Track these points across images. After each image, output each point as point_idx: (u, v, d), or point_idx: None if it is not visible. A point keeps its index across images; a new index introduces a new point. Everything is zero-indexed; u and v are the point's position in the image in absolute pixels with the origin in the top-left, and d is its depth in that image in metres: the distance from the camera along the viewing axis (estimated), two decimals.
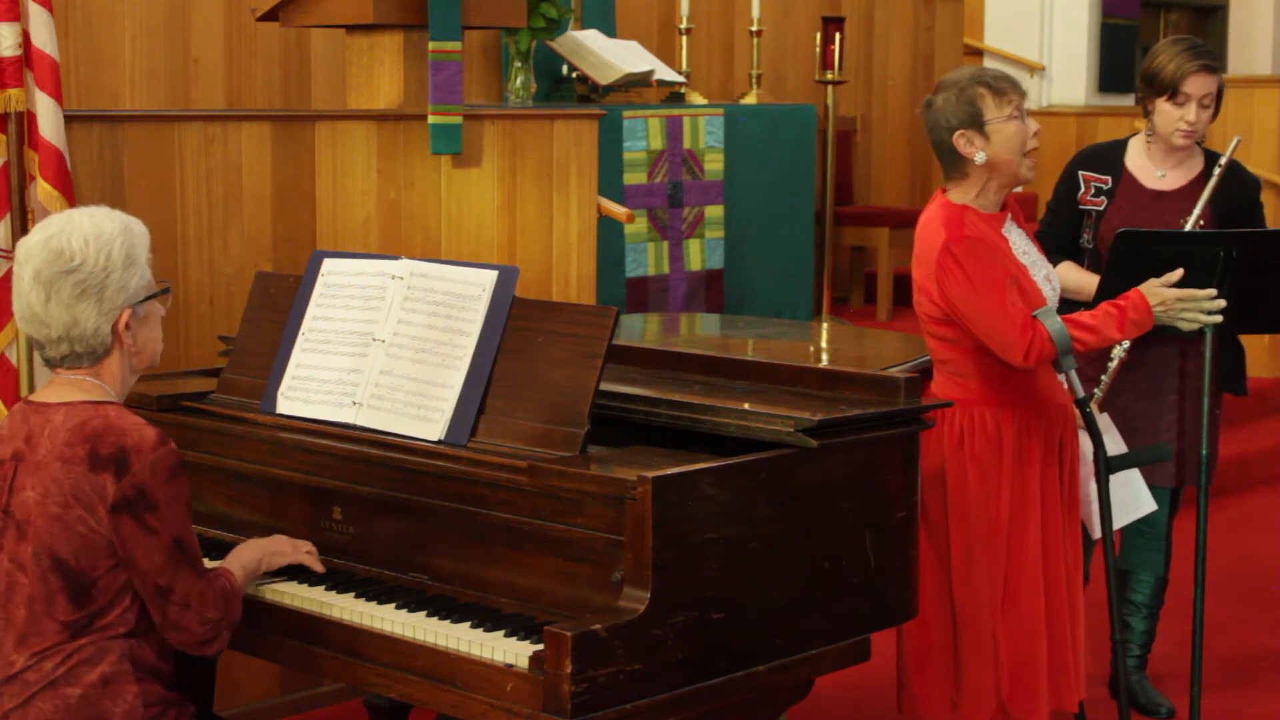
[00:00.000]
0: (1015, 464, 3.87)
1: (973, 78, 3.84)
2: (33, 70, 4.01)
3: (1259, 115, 8.48)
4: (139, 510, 2.89)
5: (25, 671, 2.90)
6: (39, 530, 2.91)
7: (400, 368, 3.41)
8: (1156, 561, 4.73)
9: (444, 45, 4.78)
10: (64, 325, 2.95)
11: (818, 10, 9.12)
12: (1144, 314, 3.88)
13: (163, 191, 4.40)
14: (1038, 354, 3.74)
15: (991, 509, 3.86)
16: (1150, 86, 4.50)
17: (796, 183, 7.71)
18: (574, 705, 2.78)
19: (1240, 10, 13.47)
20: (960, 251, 3.74)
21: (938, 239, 3.78)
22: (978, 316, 3.75)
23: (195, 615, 2.97)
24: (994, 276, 3.75)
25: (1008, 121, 3.80)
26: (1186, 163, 4.57)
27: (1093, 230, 4.54)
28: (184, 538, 2.95)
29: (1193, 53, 4.47)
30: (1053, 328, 3.74)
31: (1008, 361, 3.77)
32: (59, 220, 3.01)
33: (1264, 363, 8.43)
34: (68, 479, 2.89)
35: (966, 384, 3.87)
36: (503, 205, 5.10)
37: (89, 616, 2.92)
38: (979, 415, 3.86)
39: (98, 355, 2.99)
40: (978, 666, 3.89)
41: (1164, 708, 4.75)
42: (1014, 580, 3.88)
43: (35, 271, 2.94)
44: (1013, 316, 3.73)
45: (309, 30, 6.84)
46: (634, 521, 2.89)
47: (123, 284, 2.96)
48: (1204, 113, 4.47)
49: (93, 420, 2.93)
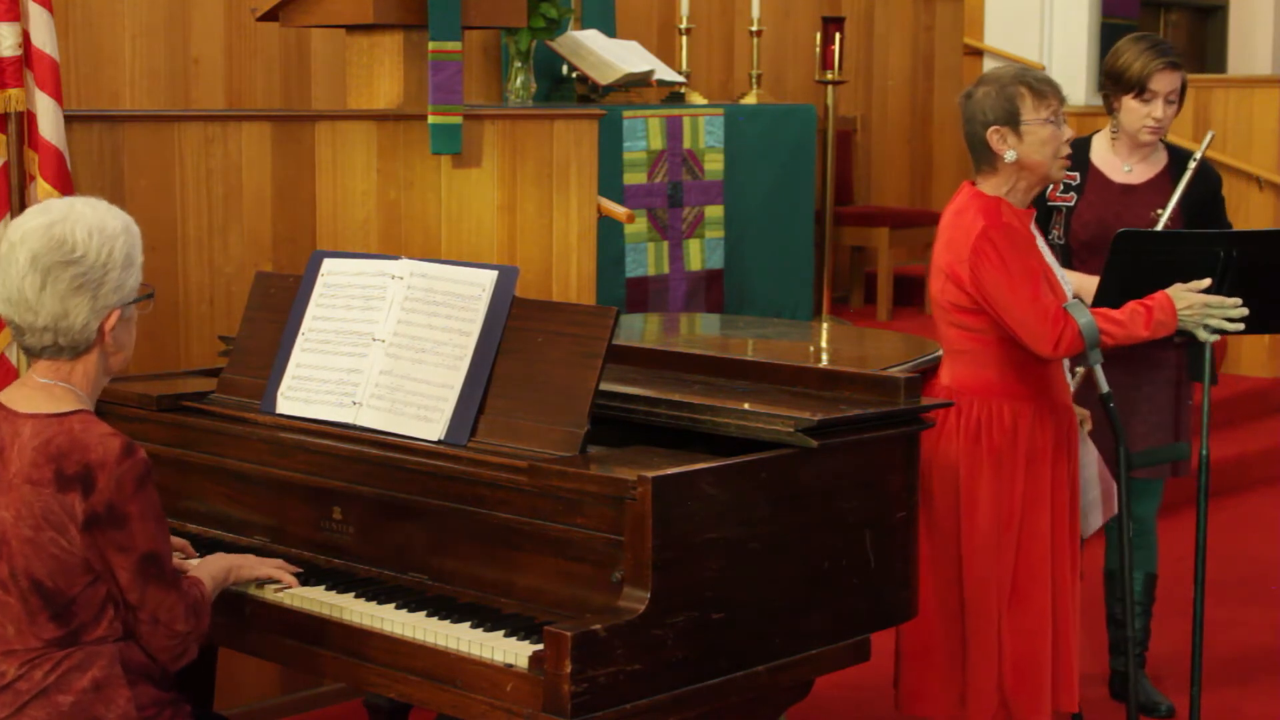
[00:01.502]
0: (1029, 457, 3.88)
1: (1016, 76, 3.88)
2: (33, 70, 4.01)
3: (1259, 115, 8.47)
4: (108, 527, 2.84)
5: (16, 681, 2.87)
6: (14, 552, 2.87)
7: (400, 368, 3.41)
8: (1146, 558, 4.75)
9: (444, 45, 4.78)
10: (53, 316, 2.87)
11: (818, 10, 9.13)
12: (1170, 315, 3.91)
13: (163, 191, 4.40)
14: (1067, 345, 3.78)
15: (1005, 503, 3.87)
16: (1116, 84, 4.57)
17: (796, 183, 7.71)
18: (574, 705, 2.78)
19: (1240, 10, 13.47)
20: (998, 238, 3.77)
21: (975, 225, 3.81)
22: (1011, 304, 3.77)
23: (164, 630, 2.93)
24: (1030, 266, 3.79)
25: (1043, 125, 3.83)
26: (1151, 157, 4.66)
27: (1063, 226, 4.60)
28: (155, 551, 2.90)
29: (1157, 50, 4.55)
30: (1083, 321, 3.78)
31: (1036, 351, 3.79)
32: (61, 207, 2.92)
33: (1264, 363, 8.44)
34: (38, 501, 2.84)
35: (985, 375, 3.88)
36: (503, 205, 5.10)
37: (73, 633, 2.89)
38: (996, 408, 3.88)
39: (79, 350, 2.92)
40: (983, 662, 3.89)
41: (1163, 706, 4.75)
42: (1023, 576, 3.89)
43: (33, 256, 2.86)
44: (1045, 307, 3.77)
45: (309, 30, 6.84)
46: (634, 521, 2.89)
47: (119, 283, 2.91)
48: (1170, 108, 4.56)
49: (56, 437, 2.85)
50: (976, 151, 3.90)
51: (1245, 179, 8.43)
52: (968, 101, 3.90)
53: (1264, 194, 8.43)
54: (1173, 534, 5.89)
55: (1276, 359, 8.43)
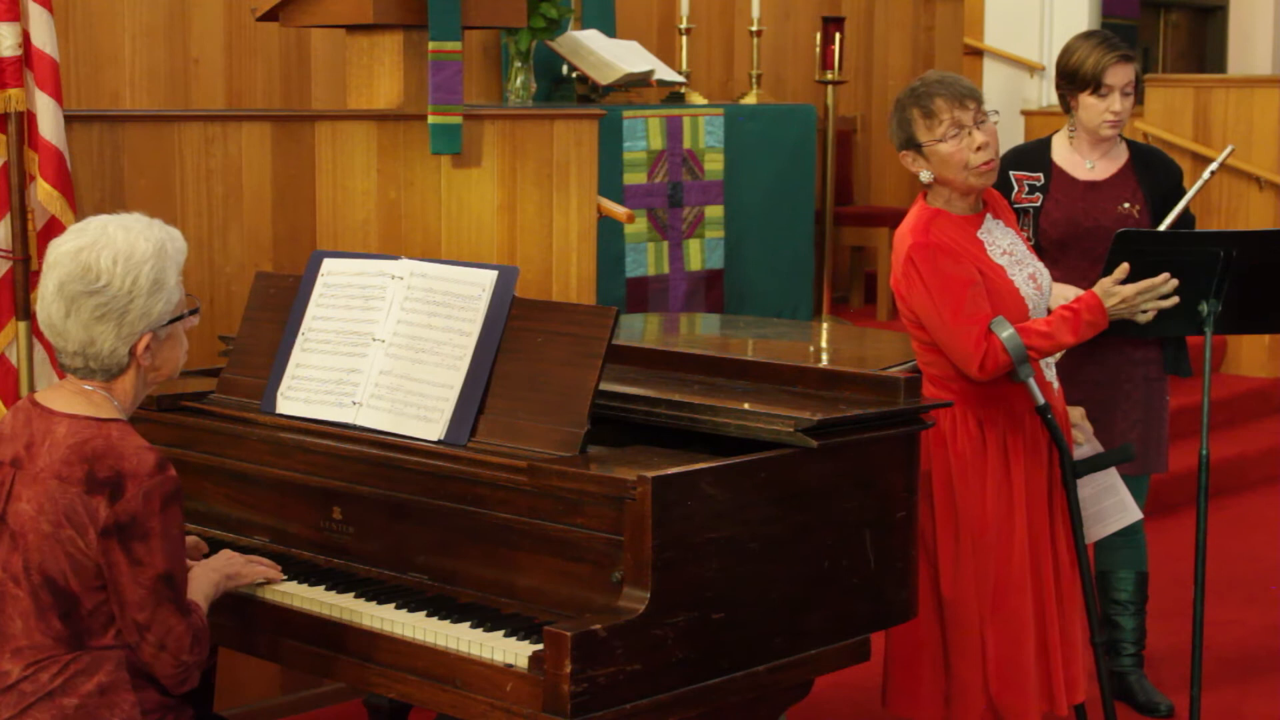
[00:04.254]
0: (999, 462, 3.87)
1: (909, 97, 3.85)
2: (33, 70, 4.01)
3: (1259, 115, 8.47)
4: (128, 538, 2.83)
5: (21, 682, 2.87)
6: (31, 545, 2.87)
7: (400, 368, 3.41)
8: (1135, 557, 4.76)
9: (444, 45, 4.78)
10: (80, 343, 2.89)
11: (818, 10, 9.13)
12: (1099, 315, 3.89)
13: (163, 191, 4.40)
14: (993, 365, 3.75)
15: (976, 507, 3.86)
16: (1071, 83, 4.61)
17: (796, 183, 7.71)
18: (574, 705, 2.78)
19: (1240, 10, 13.48)
20: (920, 259, 3.76)
21: (904, 245, 3.81)
22: (935, 327, 3.78)
23: (170, 658, 2.90)
24: (951, 287, 3.75)
25: (940, 144, 3.80)
26: (1111, 152, 4.69)
27: (1032, 226, 4.64)
28: (172, 573, 2.88)
29: (1108, 45, 4.60)
30: (1006, 337, 3.74)
31: (965, 373, 3.78)
32: (94, 230, 2.92)
33: (1264, 363, 8.44)
34: (63, 498, 2.84)
35: (949, 386, 3.87)
36: (503, 205, 5.10)
37: (80, 636, 2.88)
38: (961, 415, 3.87)
39: (112, 373, 2.93)
40: (966, 665, 3.89)
41: (1163, 705, 4.75)
42: (1001, 579, 3.88)
43: (59, 284, 2.88)
44: (968, 328, 3.74)
45: (309, 30, 6.85)
46: (634, 521, 2.89)
47: (145, 310, 2.90)
48: (1126, 100, 4.60)
49: (93, 440, 2.87)
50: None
51: (1245, 179, 8.43)
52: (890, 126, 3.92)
53: (1264, 194, 8.43)
54: (1172, 534, 5.90)
55: (1276, 359, 8.43)
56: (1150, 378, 4.62)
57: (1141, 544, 4.78)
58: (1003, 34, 11.18)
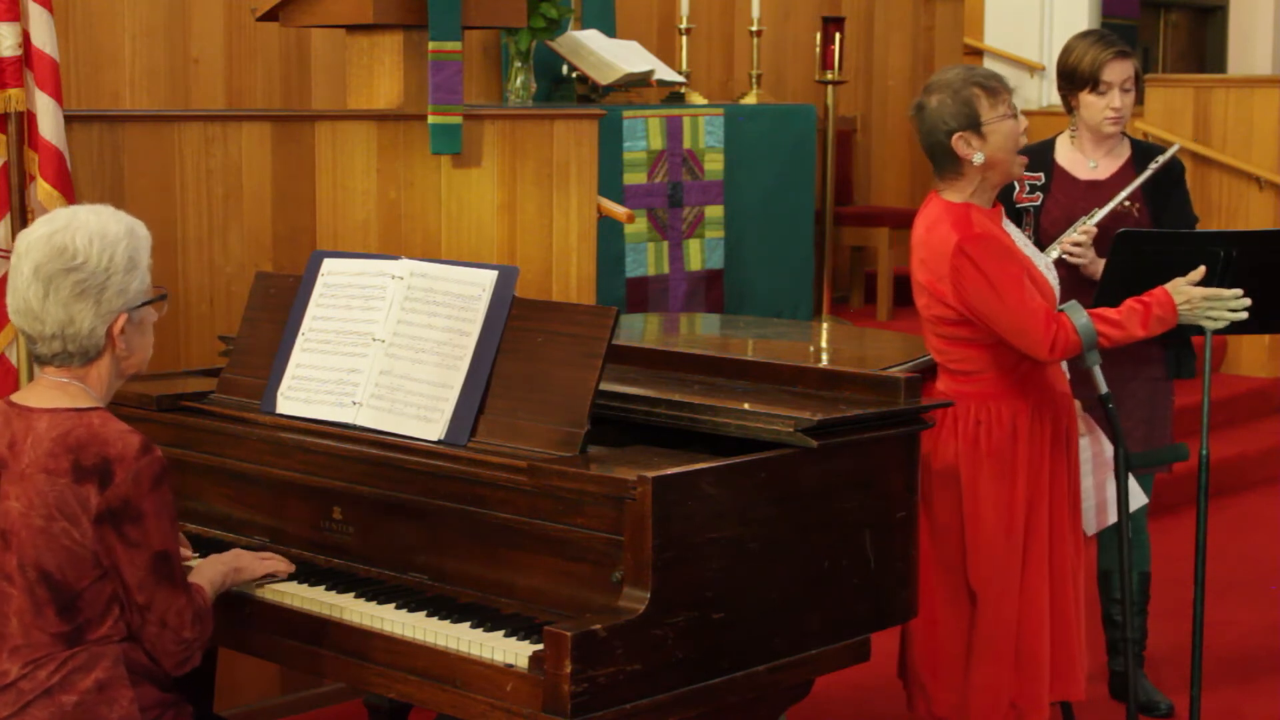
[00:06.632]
0: (1029, 454, 3.88)
1: (965, 79, 3.86)
2: (33, 70, 4.01)
3: (1259, 115, 8.47)
4: (122, 522, 2.85)
5: (19, 680, 2.87)
6: (23, 542, 2.87)
7: (400, 368, 3.41)
8: (1139, 556, 4.77)
9: (444, 45, 4.78)
10: (59, 323, 2.91)
11: (818, 10, 9.12)
12: (1169, 311, 3.91)
13: (163, 191, 4.40)
14: (1064, 347, 3.78)
15: (1005, 502, 3.86)
16: (1071, 83, 4.65)
17: (796, 183, 7.71)
18: (574, 705, 2.78)
19: (1240, 10, 13.48)
20: (974, 251, 3.75)
21: (949, 241, 3.78)
22: (1000, 313, 3.76)
23: (172, 635, 2.93)
24: (1011, 272, 3.77)
25: (1003, 121, 3.82)
26: (1114, 151, 4.71)
27: (1032, 225, 4.65)
28: (167, 550, 2.91)
29: (1104, 42, 4.63)
30: (1079, 322, 3.78)
31: (1033, 355, 3.79)
32: (64, 216, 2.97)
33: (1264, 363, 8.44)
34: (52, 491, 2.85)
35: (981, 379, 3.87)
36: (503, 205, 5.10)
37: (79, 629, 2.89)
38: (994, 409, 3.87)
39: (89, 356, 2.95)
40: (996, 663, 3.88)
41: (1163, 705, 4.76)
42: (1025, 572, 3.89)
43: (35, 266, 2.91)
44: (1035, 310, 3.76)
45: (309, 30, 6.84)
46: (634, 521, 2.89)
47: (122, 287, 2.93)
48: (1126, 97, 4.63)
49: (76, 430, 2.89)
50: (939, 160, 3.88)
51: (1245, 179, 8.43)
52: (923, 113, 3.88)
53: (1264, 194, 8.43)
54: (1172, 534, 5.90)
55: (1276, 359, 8.43)
56: (1155, 377, 4.63)
57: (1145, 544, 4.79)
58: (1003, 34, 11.18)
